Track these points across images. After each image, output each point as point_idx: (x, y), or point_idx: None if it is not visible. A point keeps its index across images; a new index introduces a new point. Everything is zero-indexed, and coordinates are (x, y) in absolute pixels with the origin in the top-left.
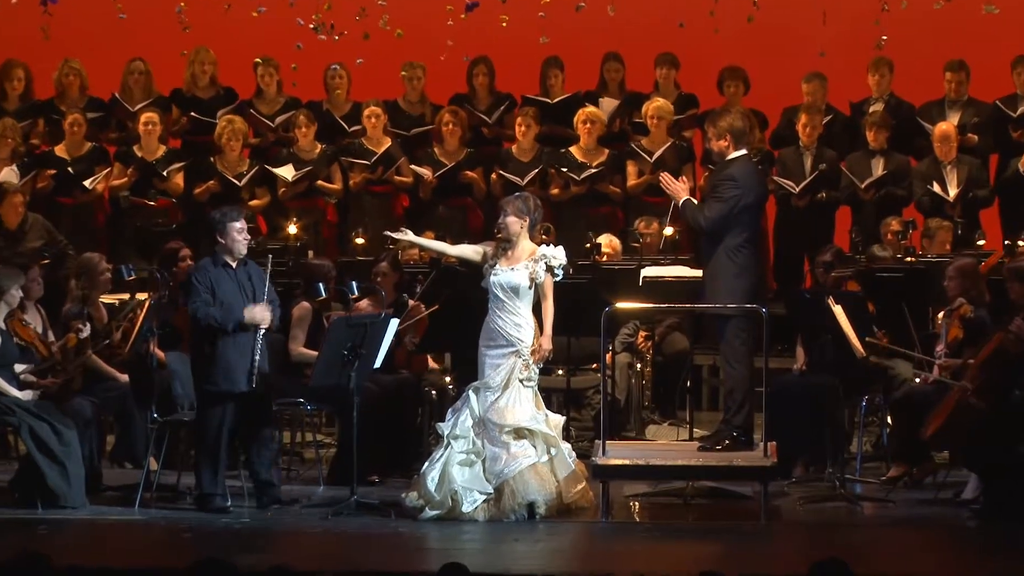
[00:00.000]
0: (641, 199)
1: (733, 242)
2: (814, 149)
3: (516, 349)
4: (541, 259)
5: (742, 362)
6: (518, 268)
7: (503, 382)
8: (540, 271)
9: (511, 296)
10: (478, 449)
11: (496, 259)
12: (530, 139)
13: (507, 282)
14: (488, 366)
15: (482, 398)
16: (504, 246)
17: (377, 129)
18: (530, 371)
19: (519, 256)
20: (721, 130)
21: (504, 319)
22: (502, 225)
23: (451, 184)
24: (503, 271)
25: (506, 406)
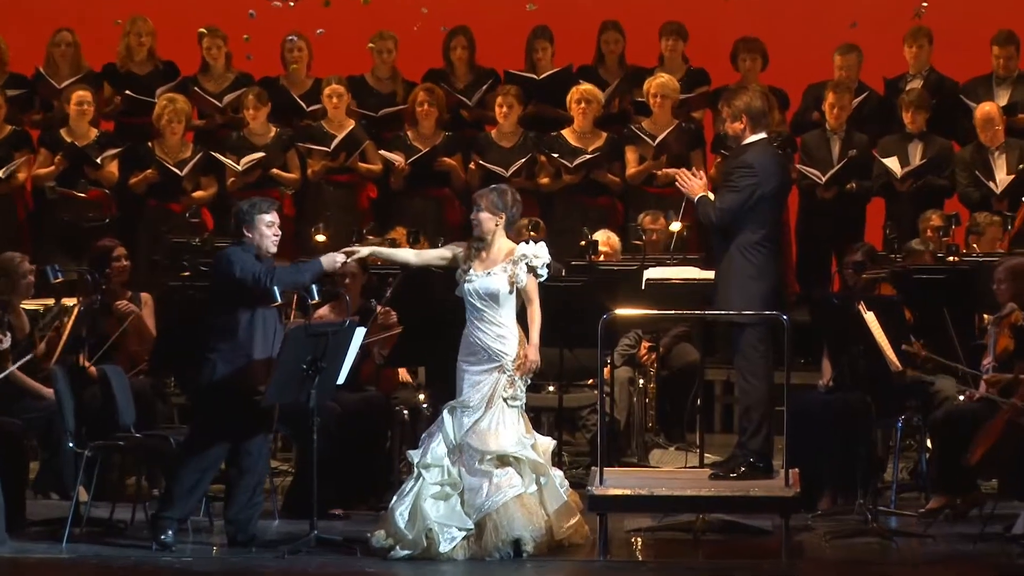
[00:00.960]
0: (643, 189)
1: (749, 239)
2: (843, 133)
3: (499, 364)
4: (521, 259)
5: (760, 377)
6: (495, 272)
7: (484, 401)
8: (521, 273)
9: (490, 304)
10: (454, 480)
11: (470, 263)
12: (512, 122)
13: (484, 289)
14: (467, 383)
15: (459, 420)
16: (477, 246)
17: (340, 110)
18: (515, 388)
19: (495, 258)
20: (736, 110)
21: (484, 331)
22: (474, 222)
23: (426, 172)
24: (478, 276)
25: (488, 429)
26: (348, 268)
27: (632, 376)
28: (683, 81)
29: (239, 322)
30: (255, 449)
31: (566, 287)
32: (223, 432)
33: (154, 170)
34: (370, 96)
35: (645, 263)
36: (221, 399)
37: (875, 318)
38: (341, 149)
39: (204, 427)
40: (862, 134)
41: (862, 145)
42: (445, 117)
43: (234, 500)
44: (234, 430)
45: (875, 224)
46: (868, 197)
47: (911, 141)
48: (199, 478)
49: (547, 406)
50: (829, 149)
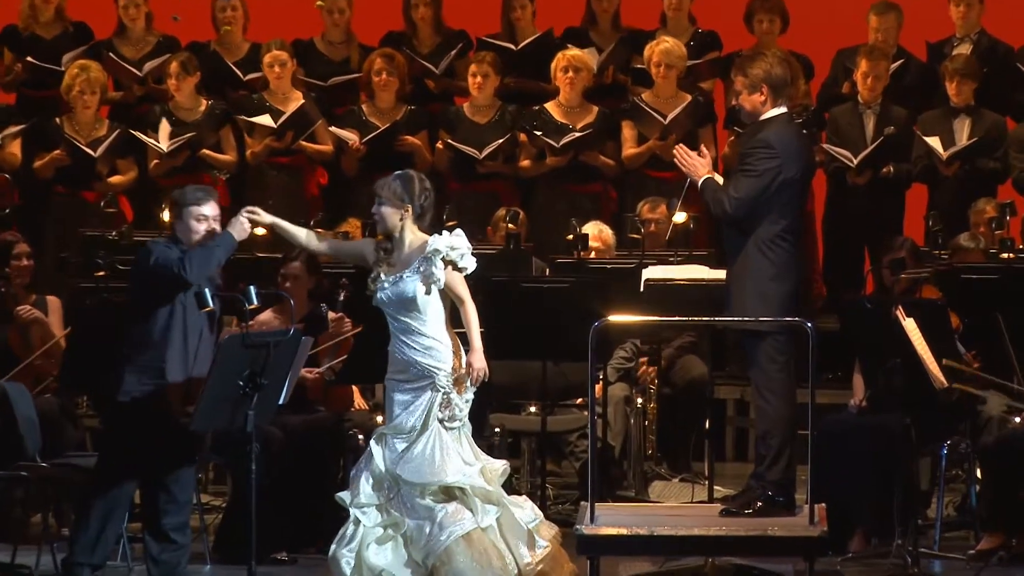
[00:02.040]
0: (644, 173)
1: (768, 232)
2: (878, 107)
3: (432, 380)
4: (433, 255)
5: (780, 395)
6: (406, 275)
7: (417, 425)
8: (436, 271)
9: (407, 312)
10: (394, 520)
11: (378, 267)
12: (487, 93)
13: (396, 295)
14: (398, 405)
15: (390, 448)
16: (385, 247)
17: (284, 79)
18: (453, 408)
19: (406, 258)
20: (754, 80)
21: (409, 343)
22: (376, 218)
23: (384, 153)
24: (388, 282)
25: (424, 457)
26: (290, 269)
27: (629, 395)
28: (690, 46)
29: (156, 329)
30: (177, 480)
31: (550, 289)
32: (136, 461)
33: (63, 151)
34: (319, 64)
35: (644, 261)
36: (133, 421)
37: (916, 326)
38: (288, 125)
39: (113, 455)
40: (901, 108)
41: (900, 121)
42: (407, 88)
43: (155, 541)
44: (149, 458)
45: (916, 215)
46: (908, 183)
47: (958, 116)
48: (109, 516)
49: (528, 430)
50: (862, 126)
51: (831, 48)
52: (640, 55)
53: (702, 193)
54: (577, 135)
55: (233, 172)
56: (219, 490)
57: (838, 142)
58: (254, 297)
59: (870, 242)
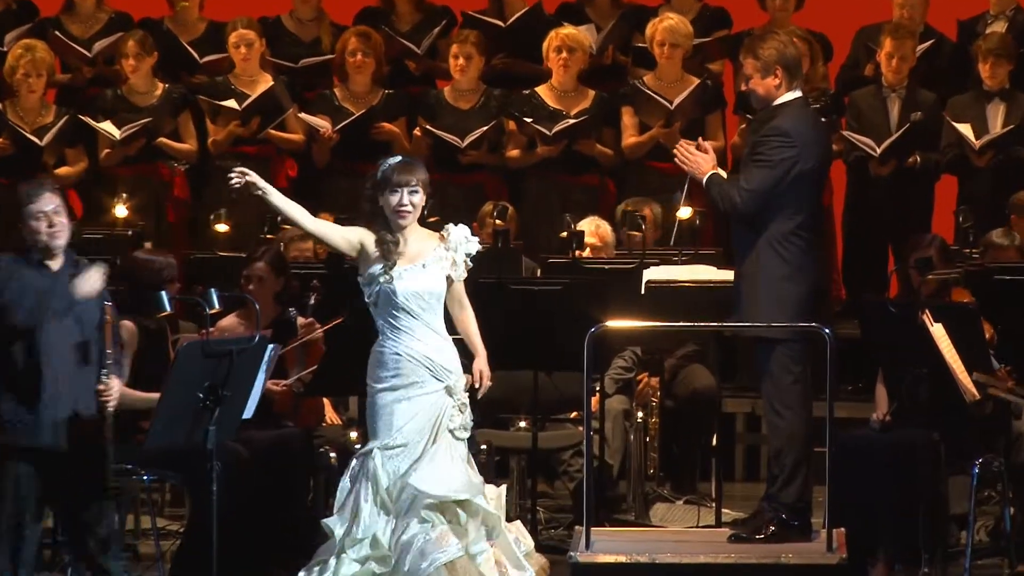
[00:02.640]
0: (644, 165)
1: (782, 228)
2: (903, 90)
3: (445, 385)
4: (459, 245)
5: (795, 409)
6: (430, 264)
7: (426, 436)
8: (460, 262)
9: (430, 307)
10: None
11: (392, 257)
12: (471, 76)
13: (425, 288)
14: (399, 415)
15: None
16: (392, 239)
17: (252, 61)
18: (466, 415)
19: (420, 248)
20: (767, 62)
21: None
22: (404, 210)
23: (360, 142)
24: (412, 271)
25: (438, 469)
26: (254, 270)
27: (628, 408)
28: (697, 23)
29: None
30: (87, 512)
31: (542, 292)
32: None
33: (5, 139)
34: (288, 44)
35: (645, 260)
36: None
37: (945, 332)
38: (254, 111)
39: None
40: (928, 92)
41: (928, 106)
42: (384, 70)
43: None
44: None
45: (945, 209)
46: (936, 174)
47: (991, 101)
48: (15, 555)
49: (517, 447)
50: (886, 111)
51: (851, 26)
52: (642, 33)
53: (708, 191)
54: (571, 122)
55: (193, 163)
56: (176, 513)
57: (859, 129)
58: (215, 301)
59: (894, 239)
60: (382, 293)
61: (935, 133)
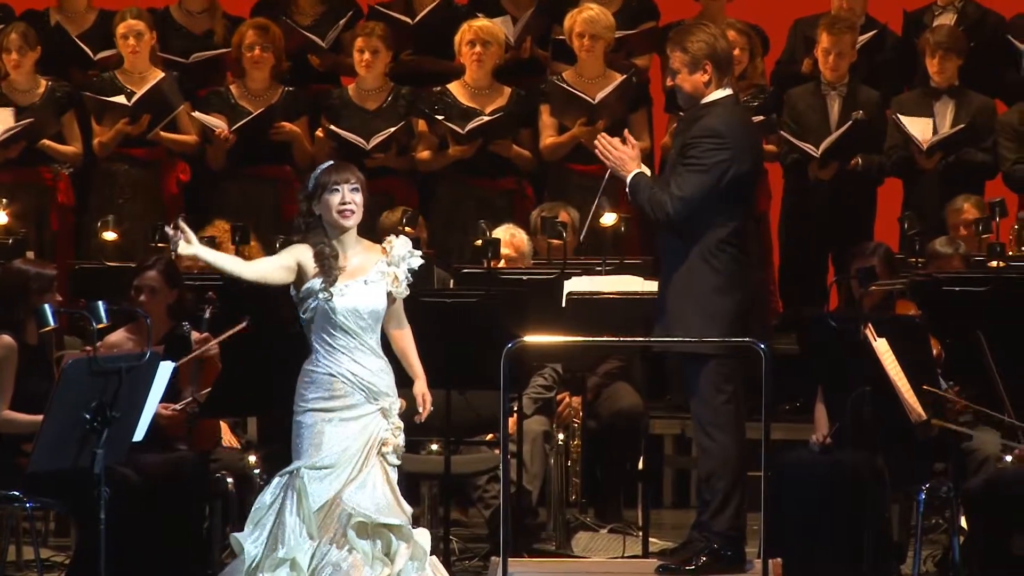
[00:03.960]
0: (565, 167)
1: (714, 237)
2: (844, 88)
3: (380, 407)
4: (402, 259)
5: (727, 430)
6: (372, 280)
7: (356, 460)
8: (403, 278)
9: (368, 327)
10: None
11: (333, 272)
12: (377, 73)
13: (366, 306)
14: (328, 438)
15: (322, 487)
16: (330, 251)
17: (141, 55)
18: (399, 440)
19: (361, 261)
20: (696, 56)
21: (359, 363)
22: (345, 210)
23: (259, 143)
24: (352, 288)
25: (372, 491)
26: (145, 279)
27: (548, 430)
28: (620, 15)
29: None
30: None
31: (454, 305)
32: None
33: None
34: (179, 37)
35: (566, 271)
36: None
37: (889, 348)
38: (144, 107)
39: None
40: (871, 89)
41: (871, 105)
42: (284, 66)
43: None
44: None
45: (889, 215)
46: (879, 178)
47: (939, 99)
48: None
49: (428, 472)
50: (825, 110)
51: (788, 18)
52: (561, 25)
53: (632, 193)
54: (486, 119)
55: (78, 166)
56: (62, 543)
57: (798, 131)
58: (103, 314)
59: (835, 248)
60: (319, 310)
61: (878, 133)
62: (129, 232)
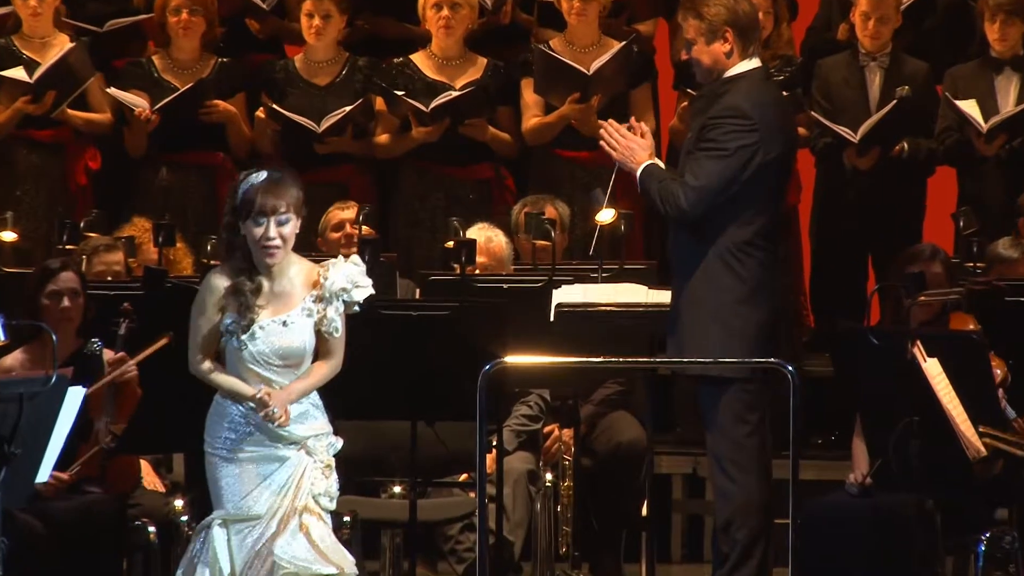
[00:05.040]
0: (551, 153)
1: (737, 237)
2: (886, 59)
3: (305, 443)
4: (336, 296)
5: (749, 469)
6: (293, 318)
7: (289, 504)
8: (335, 316)
9: (289, 370)
10: None
11: (247, 315)
12: (330, 41)
13: (281, 350)
14: (246, 480)
15: (240, 540)
16: (251, 287)
17: (44, 18)
18: (331, 480)
19: (290, 292)
20: (712, 23)
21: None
22: (272, 240)
23: (186, 125)
24: (269, 330)
25: (298, 539)
26: (63, 282)
27: (534, 468)
28: None
29: None
30: None
31: (422, 318)
32: None
33: None
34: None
35: (555, 278)
36: None
37: (942, 370)
38: (48, 85)
39: None
40: (919, 60)
41: (919, 79)
42: (217, 32)
43: None
44: None
45: (941, 211)
46: (929, 166)
47: (1001, 71)
48: None
49: (390, 519)
50: (863, 85)
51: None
52: None
53: (642, 186)
54: (455, 95)
55: None
56: None
57: (830, 109)
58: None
59: (877, 250)
60: (229, 349)
61: (927, 113)
62: (30, 230)
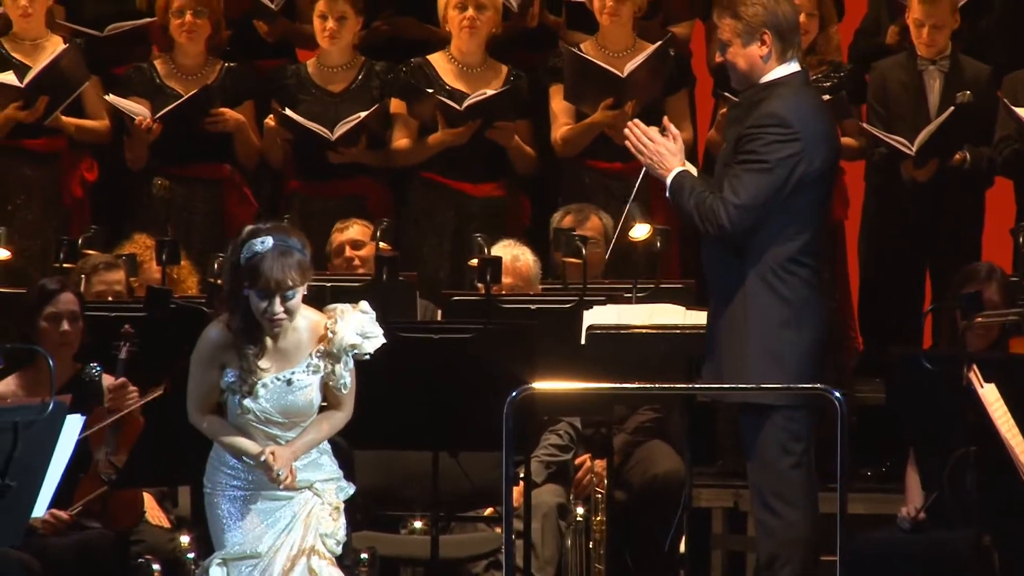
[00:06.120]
0: (581, 164)
1: (780, 254)
2: (946, 62)
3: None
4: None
5: (794, 503)
6: (300, 373)
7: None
8: (345, 373)
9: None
10: None
11: (248, 378)
12: (344, 45)
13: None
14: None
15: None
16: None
17: (36, 18)
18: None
19: (298, 347)
20: (749, 23)
21: None
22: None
23: (190, 135)
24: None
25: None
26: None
27: (564, 502)
28: None
29: None
30: None
31: (444, 342)
32: None
33: None
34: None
35: (585, 299)
36: None
37: (1000, 396)
38: (40, 90)
39: None
40: (980, 64)
41: (980, 83)
42: (224, 35)
43: None
44: None
45: (1000, 226)
46: (988, 178)
47: None
48: None
49: (410, 555)
50: (922, 91)
51: None
52: None
53: (675, 197)
54: (491, 92)
55: None
56: None
57: (886, 116)
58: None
59: (933, 268)
60: (232, 406)
61: (987, 123)
62: (23, 247)
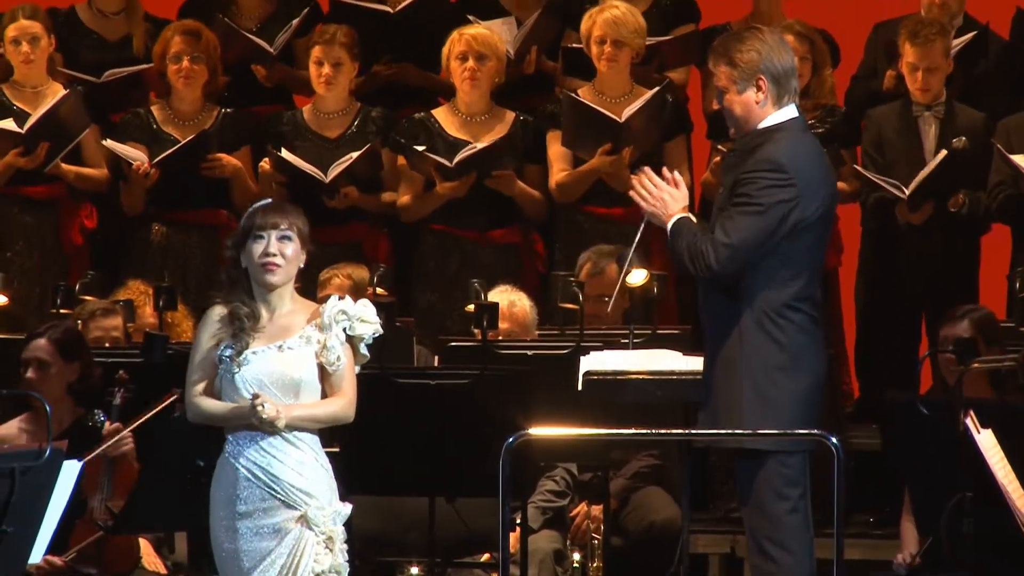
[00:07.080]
0: (577, 210)
1: (775, 299)
2: (941, 107)
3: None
4: (335, 321)
5: (790, 549)
6: (292, 344)
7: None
8: (336, 344)
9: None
10: None
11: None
12: (340, 91)
13: (278, 376)
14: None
15: None
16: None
17: (37, 65)
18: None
19: (287, 323)
20: (744, 69)
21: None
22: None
23: (187, 180)
24: (263, 354)
25: None
26: (32, 351)
27: (561, 548)
28: (652, 16)
29: None
30: None
31: (441, 388)
32: None
33: None
34: (85, 45)
35: (583, 344)
36: None
37: (996, 442)
38: (41, 135)
39: None
40: (973, 111)
41: (975, 129)
42: (221, 81)
43: None
44: None
45: (996, 271)
46: (985, 224)
47: None
48: None
49: None
50: (917, 137)
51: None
52: (576, 30)
53: (671, 241)
54: (480, 146)
55: None
56: None
57: (882, 162)
58: None
59: (928, 312)
60: (224, 380)
61: (981, 169)
62: (21, 295)
